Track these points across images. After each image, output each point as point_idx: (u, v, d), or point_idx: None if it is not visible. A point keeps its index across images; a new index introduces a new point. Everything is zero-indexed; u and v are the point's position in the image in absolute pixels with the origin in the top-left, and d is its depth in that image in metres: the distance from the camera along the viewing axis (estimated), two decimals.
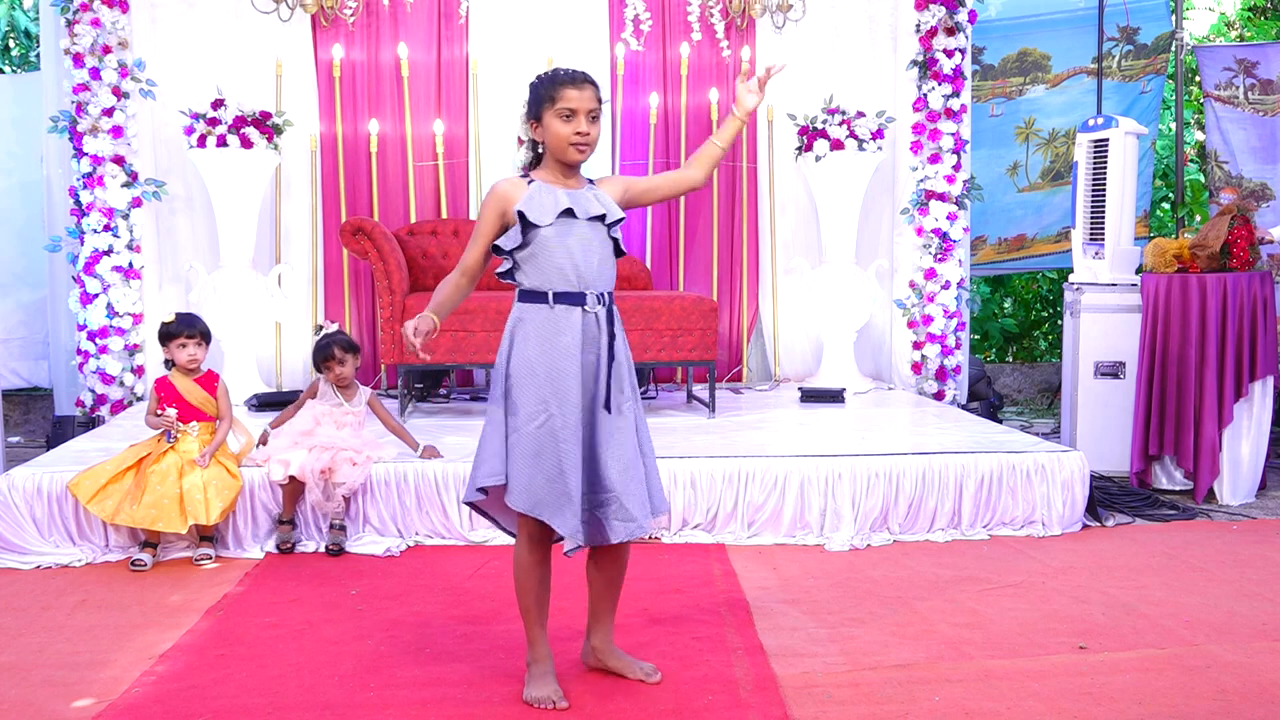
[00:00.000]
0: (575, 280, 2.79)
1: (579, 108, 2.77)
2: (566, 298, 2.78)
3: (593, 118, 2.79)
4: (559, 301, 2.78)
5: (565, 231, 2.78)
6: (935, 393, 6.37)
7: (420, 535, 4.38)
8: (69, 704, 2.90)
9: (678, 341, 5.53)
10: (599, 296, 2.82)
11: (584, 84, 2.79)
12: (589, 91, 2.79)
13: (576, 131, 2.77)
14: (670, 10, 6.80)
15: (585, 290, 2.79)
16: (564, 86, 2.78)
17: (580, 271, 2.79)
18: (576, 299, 2.79)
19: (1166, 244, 5.48)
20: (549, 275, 2.78)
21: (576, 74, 2.82)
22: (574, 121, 2.78)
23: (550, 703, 2.83)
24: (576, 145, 2.79)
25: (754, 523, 4.44)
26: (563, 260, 2.77)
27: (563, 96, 2.77)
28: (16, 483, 4.22)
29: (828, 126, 6.32)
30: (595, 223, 2.82)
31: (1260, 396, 5.24)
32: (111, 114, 5.80)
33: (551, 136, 2.80)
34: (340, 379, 4.41)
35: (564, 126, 2.78)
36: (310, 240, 6.61)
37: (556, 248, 2.77)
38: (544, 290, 2.79)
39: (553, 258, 2.77)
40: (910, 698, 2.92)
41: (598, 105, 2.80)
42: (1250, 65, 7.61)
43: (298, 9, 6.26)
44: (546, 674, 2.91)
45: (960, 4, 6.27)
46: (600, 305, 2.82)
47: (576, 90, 2.77)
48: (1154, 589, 3.85)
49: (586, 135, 2.78)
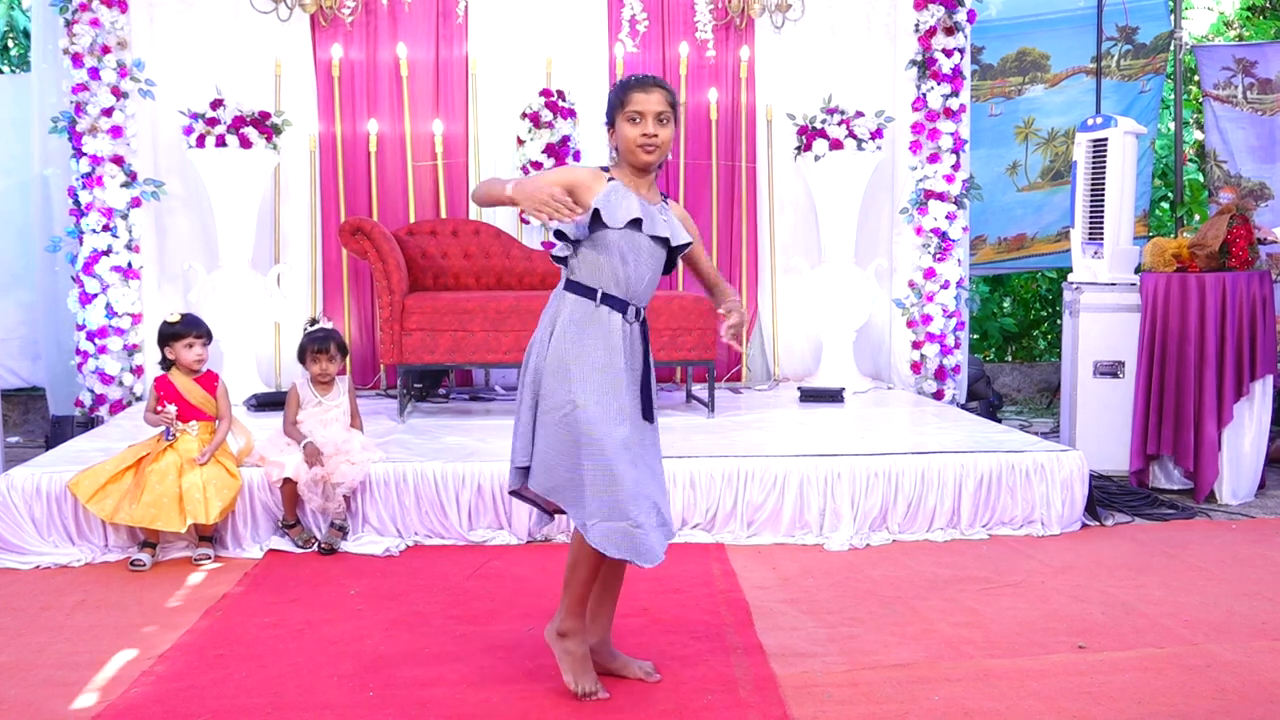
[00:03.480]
0: (625, 289, 2.84)
1: (646, 110, 2.82)
2: (612, 301, 2.83)
3: (661, 120, 2.83)
4: (604, 303, 2.83)
5: (630, 240, 2.82)
6: (934, 392, 6.37)
7: (419, 535, 4.38)
8: (68, 704, 2.90)
9: (677, 341, 5.53)
10: (637, 311, 2.88)
11: (652, 88, 2.84)
12: (656, 94, 2.83)
13: (644, 133, 2.82)
14: (668, 11, 6.80)
15: (630, 301, 2.85)
16: (632, 90, 2.84)
17: (631, 282, 2.84)
18: (620, 305, 2.84)
19: (1165, 243, 5.48)
20: (603, 275, 2.83)
21: (646, 78, 2.88)
22: (641, 124, 2.82)
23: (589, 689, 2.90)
24: (644, 146, 2.83)
25: (753, 522, 4.44)
26: (618, 266, 2.83)
27: (631, 100, 2.83)
28: (16, 483, 4.22)
29: (827, 126, 6.32)
30: (657, 243, 2.87)
31: (1260, 396, 5.24)
32: (110, 114, 5.80)
33: (622, 139, 2.86)
34: (323, 375, 4.40)
35: (632, 129, 2.83)
36: (309, 240, 6.61)
37: (617, 253, 2.82)
38: (594, 288, 2.83)
39: (611, 260, 2.82)
40: (910, 697, 2.92)
41: (667, 108, 2.84)
42: (1249, 65, 7.61)
43: (296, 9, 6.26)
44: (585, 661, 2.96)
45: (959, 3, 6.27)
46: (638, 320, 2.89)
47: (644, 94, 2.83)
48: (1153, 588, 3.86)
49: (654, 136, 2.82)
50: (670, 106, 2.84)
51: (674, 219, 2.92)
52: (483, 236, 6.31)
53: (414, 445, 4.84)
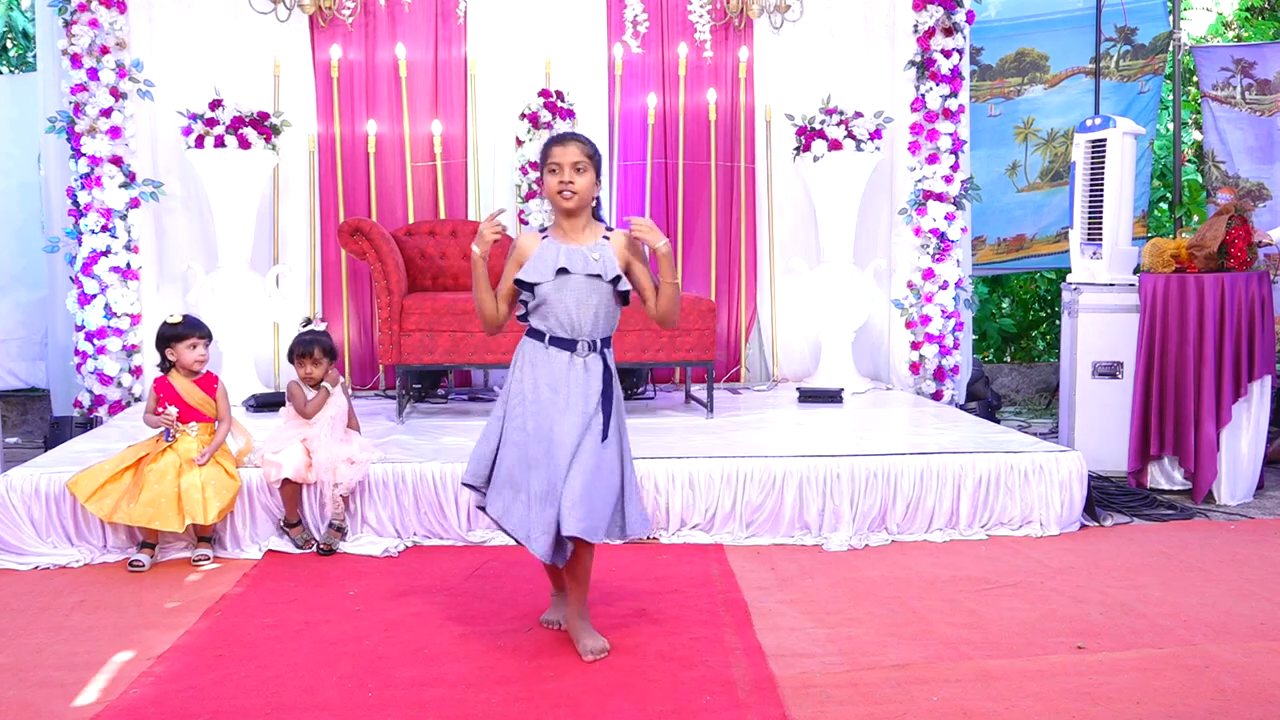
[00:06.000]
0: (570, 329, 3.18)
1: (563, 162, 3.15)
2: (559, 342, 3.19)
3: (578, 169, 3.16)
4: (552, 344, 3.19)
5: (562, 286, 3.15)
6: (933, 393, 6.37)
7: (418, 536, 4.38)
8: (67, 704, 2.90)
9: (676, 342, 5.53)
10: (590, 344, 3.18)
11: (569, 142, 3.18)
12: (572, 147, 3.17)
13: (560, 180, 3.15)
14: (668, 11, 6.80)
15: (578, 338, 3.18)
16: (551, 146, 3.19)
17: (574, 322, 3.17)
18: (568, 345, 3.18)
19: (1164, 244, 5.48)
20: (549, 322, 3.19)
21: (564, 135, 3.22)
22: (559, 173, 3.16)
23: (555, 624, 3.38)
24: (562, 193, 3.16)
25: (752, 523, 4.45)
26: (560, 311, 3.16)
27: (550, 155, 3.18)
28: (14, 484, 4.22)
29: (825, 127, 6.33)
30: (594, 279, 3.16)
31: (1258, 396, 5.24)
32: (109, 114, 5.80)
33: (547, 190, 3.20)
34: (309, 379, 4.39)
35: (552, 179, 3.18)
36: (308, 241, 6.61)
37: (555, 302, 3.16)
38: (543, 331, 3.21)
39: (552, 309, 3.17)
40: (908, 698, 2.93)
41: (584, 159, 3.17)
42: (1247, 65, 7.61)
43: (295, 9, 6.26)
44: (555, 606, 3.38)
45: (958, 4, 6.27)
46: (592, 352, 3.19)
47: (561, 148, 3.17)
48: (1152, 589, 3.86)
49: (570, 183, 3.15)
50: (587, 158, 3.17)
51: (608, 254, 3.18)
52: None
53: (413, 446, 4.84)
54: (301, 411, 4.35)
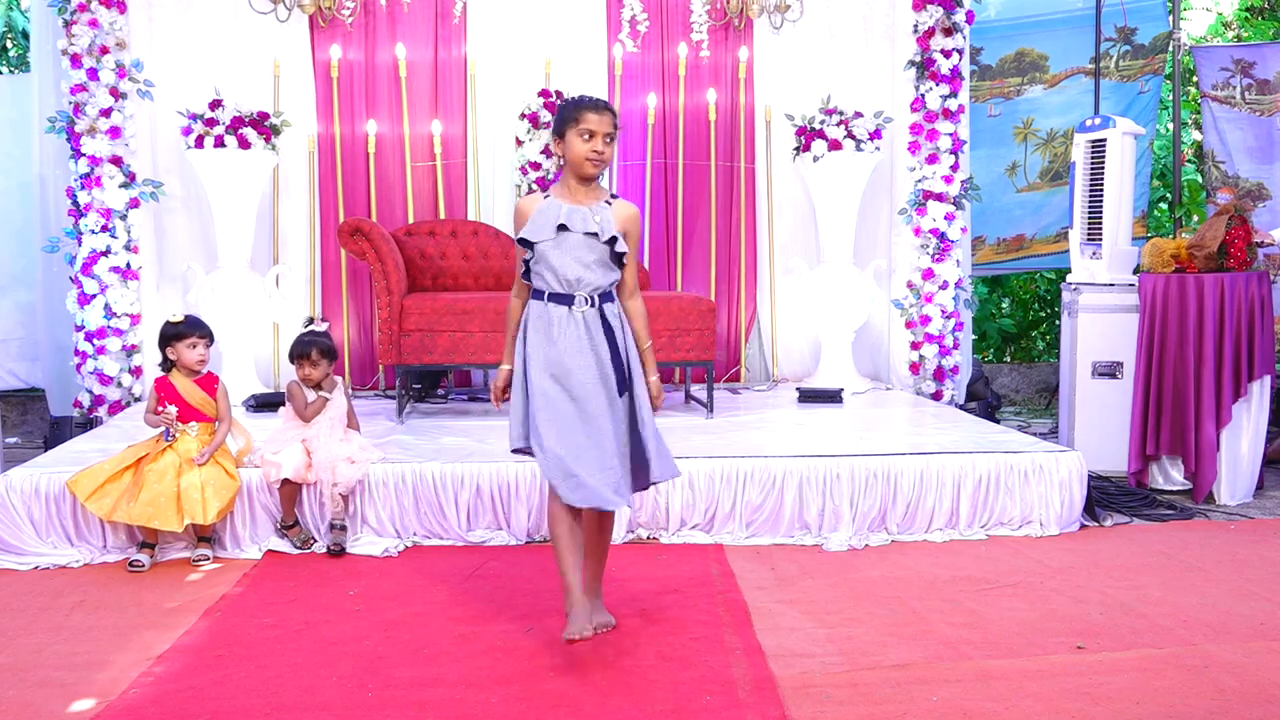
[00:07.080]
0: (566, 285, 3.21)
1: (598, 130, 3.19)
2: (557, 298, 3.22)
3: (609, 140, 3.22)
4: (551, 300, 3.23)
5: (561, 243, 3.20)
6: (933, 393, 6.37)
7: (418, 536, 4.38)
8: (67, 705, 2.90)
9: (676, 341, 5.53)
10: (587, 299, 3.22)
11: (604, 110, 3.21)
12: (608, 117, 3.21)
13: (594, 149, 3.20)
14: (668, 11, 6.80)
15: (575, 293, 3.21)
16: (587, 110, 3.20)
17: (570, 277, 3.20)
18: (565, 299, 3.22)
19: (1164, 244, 5.48)
20: (547, 279, 3.23)
21: (600, 101, 3.24)
22: (592, 141, 3.20)
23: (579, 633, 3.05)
24: (592, 160, 3.21)
25: (752, 523, 4.45)
26: (557, 267, 3.21)
27: (585, 119, 3.19)
28: (14, 484, 4.22)
29: (825, 127, 6.33)
30: (591, 237, 3.21)
31: (1258, 396, 5.24)
32: (109, 114, 5.80)
33: (571, 151, 3.22)
34: (308, 380, 4.39)
35: (583, 145, 3.20)
36: (308, 241, 6.61)
37: (553, 258, 3.21)
38: (542, 290, 3.25)
39: (549, 265, 3.21)
40: (908, 698, 2.93)
41: (614, 130, 3.23)
42: (1247, 65, 7.61)
43: (295, 9, 6.25)
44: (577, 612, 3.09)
45: (958, 4, 6.27)
46: (590, 306, 3.22)
47: (597, 115, 3.20)
48: (1152, 589, 3.86)
49: (601, 154, 3.21)
50: (615, 129, 3.24)
51: (609, 217, 3.23)
52: (481, 237, 6.31)
53: (412, 446, 4.84)
54: (300, 414, 4.35)
